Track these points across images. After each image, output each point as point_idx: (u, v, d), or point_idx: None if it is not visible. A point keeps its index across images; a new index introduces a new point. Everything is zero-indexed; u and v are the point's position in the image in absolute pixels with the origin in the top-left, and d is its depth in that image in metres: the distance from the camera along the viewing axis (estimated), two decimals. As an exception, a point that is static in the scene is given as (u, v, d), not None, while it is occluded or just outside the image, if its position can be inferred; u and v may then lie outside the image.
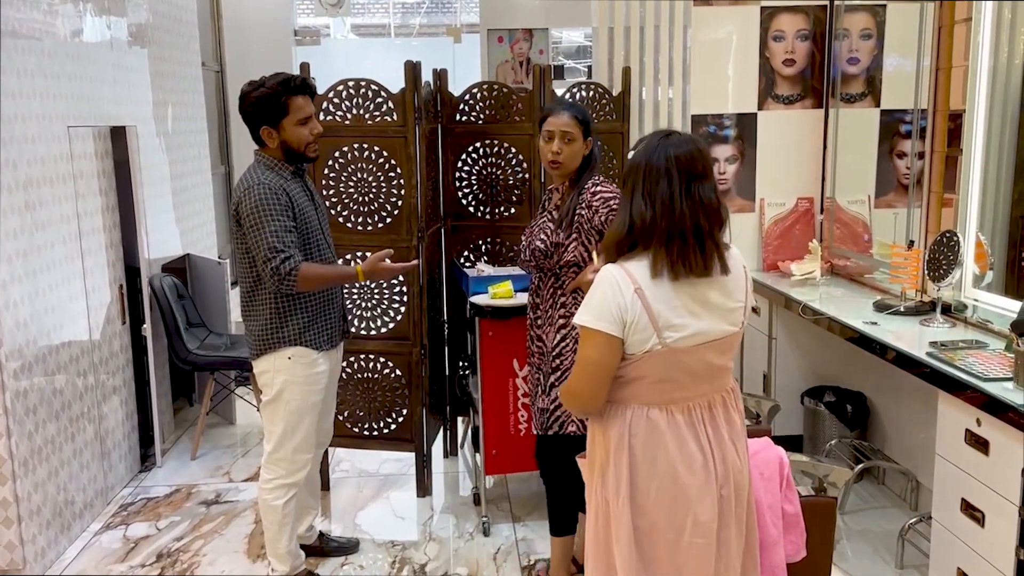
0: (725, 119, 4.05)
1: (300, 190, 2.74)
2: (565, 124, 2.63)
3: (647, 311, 1.76)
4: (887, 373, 3.30)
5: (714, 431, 1.86)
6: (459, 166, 3.77)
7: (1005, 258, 3.02)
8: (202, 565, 3.21)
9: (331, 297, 2.84)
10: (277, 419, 2.79)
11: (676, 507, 1.82)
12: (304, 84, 2.69)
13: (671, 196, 1.76)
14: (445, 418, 4.03)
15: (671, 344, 1.78)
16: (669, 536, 1.84)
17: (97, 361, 3.61)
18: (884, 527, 3.28)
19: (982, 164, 2.98)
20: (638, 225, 1.78)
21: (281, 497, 2.82)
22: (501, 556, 3.19)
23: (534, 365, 2.80)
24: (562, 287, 2.68)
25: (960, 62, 3.04)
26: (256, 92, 2.65)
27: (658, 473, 1.82)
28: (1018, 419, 2.16)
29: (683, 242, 1.76)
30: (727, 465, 1.86)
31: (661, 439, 1.82)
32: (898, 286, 3.29)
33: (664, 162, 1.78)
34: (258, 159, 2.73)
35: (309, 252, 2.72)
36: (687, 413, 1.84)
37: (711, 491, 1.83)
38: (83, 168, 3.52)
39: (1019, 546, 2.20)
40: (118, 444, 3.82)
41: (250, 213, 2.59)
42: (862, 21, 3.78)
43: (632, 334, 1.77)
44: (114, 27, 3.98)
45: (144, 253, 4.02)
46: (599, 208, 2.61)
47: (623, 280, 1.77)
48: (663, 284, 1.77)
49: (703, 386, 1.85)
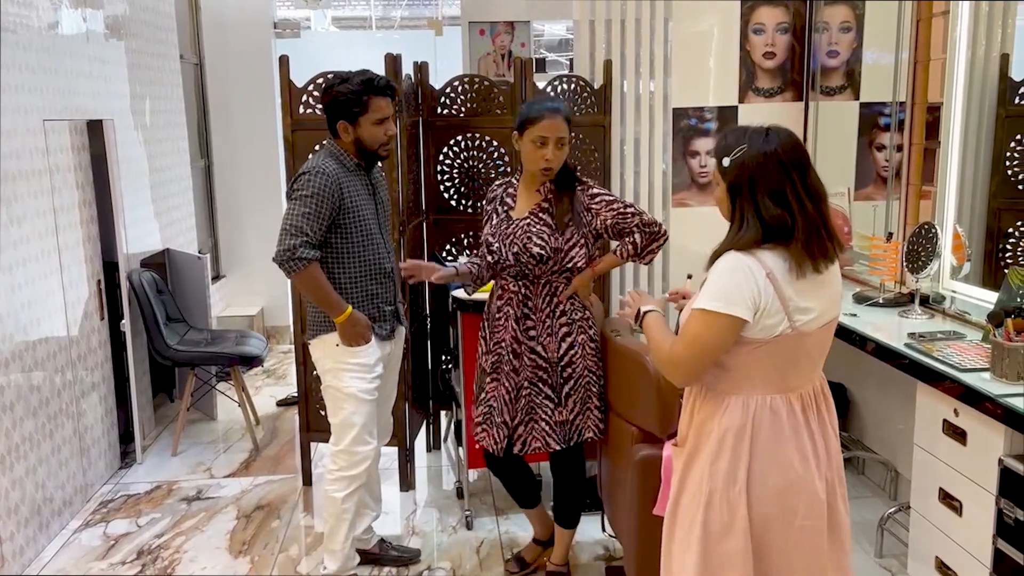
0: (706, 112, 4.06)
1: (360, 184, 2.77)
2: (561, 129, 2.56)
3: (779, 295, 1.78)
4: (867, 364, 3.33)
5: (819, 417, 1.92)
6: (441, 159, 3.76)
7: (982, 250, 3.05)
8: (183, 562, 3.19)
9: (386, 285, 2.85)
10: (335, 409, 2.79)
11: (789, 494, 1.86)
12: (388, 85, 2.73)
13: (797, 194, 1.77)
14: (428, 412, 4.02)
15: (800, 327, 1.81)
16: (782, 523, 1.87)
17: (75, 357, 3.58)
18: (864, 517, 3.31)
19: (959, 156, 3.00)
20: (774, 229, 1.78)
21: (342, 490, 2.79)
22: (484, 549, 3.20)
23: (526, 379, 2.66)
24: (557, 294, 2.64)
25: (938, 55, 3.06)
26: (340, 87, 2.69)
27: (779, 463, 1.86)
28: (994, 409, 2.18)
29: (819, 237, 1.79)
30: (829, 450, 1.91)
31: (783, 429, 1.86)
32: (877, 278, 3.31)
33: (778, 160, 1.78)
34: (328, 147, 2.78)
35: (359, 245, 2.75)
36: (801, 402, 1.89)
37: (821, 475, 1.88)
38: (59, 162, 3.48)
39: (996, 535, 2.23)
40: (97, 441, 3.79)
41: (296, 190, 2.65)
42: (841, 14, 3.80)
43: (764, 319, 1.79)
44: (90, 19, 3.93)
45: (122, 248, 3.98)
46: (600, 211, 2.60)
47: (755, 265, 1.78)
48: (785, 271, 1.79)
49: (814, 371, 1.91)
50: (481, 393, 2.78)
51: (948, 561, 2.45)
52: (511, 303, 2.67)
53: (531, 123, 2.55)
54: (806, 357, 1.87)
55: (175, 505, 3.66)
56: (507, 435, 2.70)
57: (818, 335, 1.86)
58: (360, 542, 3.07)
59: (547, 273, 2.61)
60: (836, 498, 1.93)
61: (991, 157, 2.98)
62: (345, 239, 2.73)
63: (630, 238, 2.63)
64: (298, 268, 2.62)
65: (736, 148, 1.83)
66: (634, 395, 2.53)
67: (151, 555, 3.24)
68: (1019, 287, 2.60)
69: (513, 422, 2.70)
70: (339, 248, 2.73)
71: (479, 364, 2.82)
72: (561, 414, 2.67)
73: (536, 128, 2.54)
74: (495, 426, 2.71)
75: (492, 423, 2.72)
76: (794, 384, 1.87)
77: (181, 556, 3.23)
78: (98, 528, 3.46)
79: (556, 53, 7.44)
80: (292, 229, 2.62)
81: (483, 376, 2.77)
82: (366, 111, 2.68)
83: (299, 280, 2.68)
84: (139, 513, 3.58)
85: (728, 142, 1.86)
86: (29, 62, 3.27)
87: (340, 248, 2.73)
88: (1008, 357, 2.26)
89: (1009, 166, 2.97)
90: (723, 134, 1.92)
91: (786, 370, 1.85)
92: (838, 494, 1.94)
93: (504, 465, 2.87)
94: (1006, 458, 2.18)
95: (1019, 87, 2.94)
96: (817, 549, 1.89)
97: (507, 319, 2.67)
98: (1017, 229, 2.98)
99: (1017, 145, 2.95)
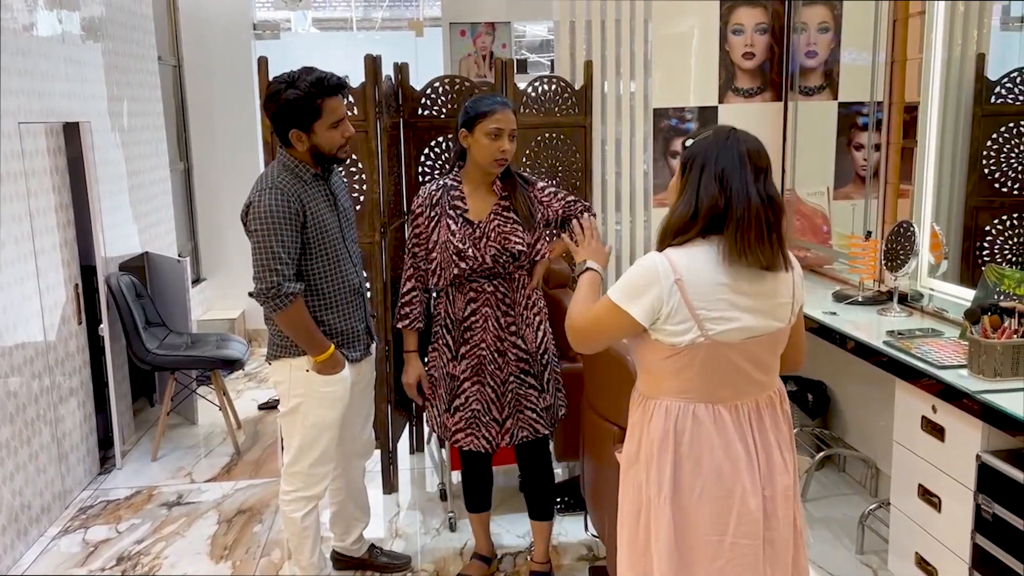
0: (687, 112, 4.08)
1: (320, 195, 2.53)
2: (513, 122, 2.60)
3: (686, 303, 1.73)
4: (846, 362, 3.35)
5: (761, 434, 1.84)
6: (422, 160, 3.74)
7: (959, 248, 3.07)
8: (164, 567, 3.16)
9: (356, 303, 2.67)
10: (294, 432, 2.62)
11: (719, 507, 1.80)
12: (339, 84, 2.47)
13: (745, 183, 1.73)
14: (411, 414, 4.01)
15: (715, 337, 1.75)
16: (712, 537, 1.81)
17: (53, 362, 3.54)
18: (845, 514, 3.33)
19: (936, 155, 3.03)
20: (706, 208, 1.73)
21: (300, 510, 2.67)
22: (468, 551, 3.19)
23: (511, 374, 2.69)
24: (525, 286, 2.70)
25: (915, 55, 3.09)
26: (288, 93, 2.41)
27: (703, 472, 1.80)
28: (972, 405, 2.20)
29: (757, 231, 1.72)
30: (772, 466, 1.84)
31: (707, 437, 1.80)
32: (856, 276, 3.33)
33: (736, 151, 1.75)
34: (280, 159, 2.52)
35: (328, 265, 2.55)
36: (734, 412, 1.81)
37: (756, 491, 1.81)
38: (35, 166, 3.44)
39: (974, 530, 2.25)
40: (76, 446, 3.75)
41: (256, 219, 2.41)
42: (820, 15, 3.82)
43: (667, 324, 1.76)
44: (66, 21, 3.89)
45: (100, 251, 3.94)
46: (551, 202, 2.71)
47: (664, 269, 1.74)
48: (711, 275, 1.74)
49: (751, 385, 1.83)
50: (455, 400, 2.73)
51: (928, 557, 2.47)
52: (488, 304, 2.67)
53: (483, 117, 2.57)
54: (733, 369, 1.79)
55: (155, 510, 3.62)
56: (499, 432, 2.72)
57: (747, 347, 1.78)
58: (349, 551, 3.05)
59: (518, 269, 2.67)
60: (775, 518, 1.84)
61: (967, 156, 3.01)
62: (313, 261, 2.51)
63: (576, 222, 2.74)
64: (285, 305, 2.42)
65: (701, 135, 1.84)
66: (615, 395, 2.53)
67: (131, 561, 3.21)
68: (996, 284, 2.62)
69: (502, 417, 2.72)
70: (307, 273, 2.52)
71: (444, 371, 2.74)
72: (545, 400, 2.74)
73: (490, 121, 2.56)
74: (484, 426, 2.71)
75: (479, 424, 2.71)
76: (722, 395, 1.81)
77: (162, 562, 3.20)
78: (77, 534, 3.42)
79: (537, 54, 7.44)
80: (269, 262, 2.39)
81: (453, 382, 2.72)
82: (320, 116, 2.43)
83: (284, 317, 2.46)
84: (119, 519, 3.55)
85: (696, 131, 1.90)
86: (4, 64, 3.23)
87: (308, 273, 2.52)
88: (985, 354, 2.28)
89: (985, 164, 3.00)
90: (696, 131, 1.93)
91: (708, 379, 1.79)
92: (779, 515, 1.84)
93: (485, 464, 2.88)
94: (984, 454, 2.20)
95: (995, 86, 2.97)
96: (751, 568, 1.81)
97: (485, 320, 2.67)
98: (993, 227, 3.01)
99: (993, 144, 2.98)
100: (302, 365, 2.56)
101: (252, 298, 2.49)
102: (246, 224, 2.47)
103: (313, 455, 2.64)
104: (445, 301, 2.73)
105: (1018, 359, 2.26)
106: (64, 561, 3.22)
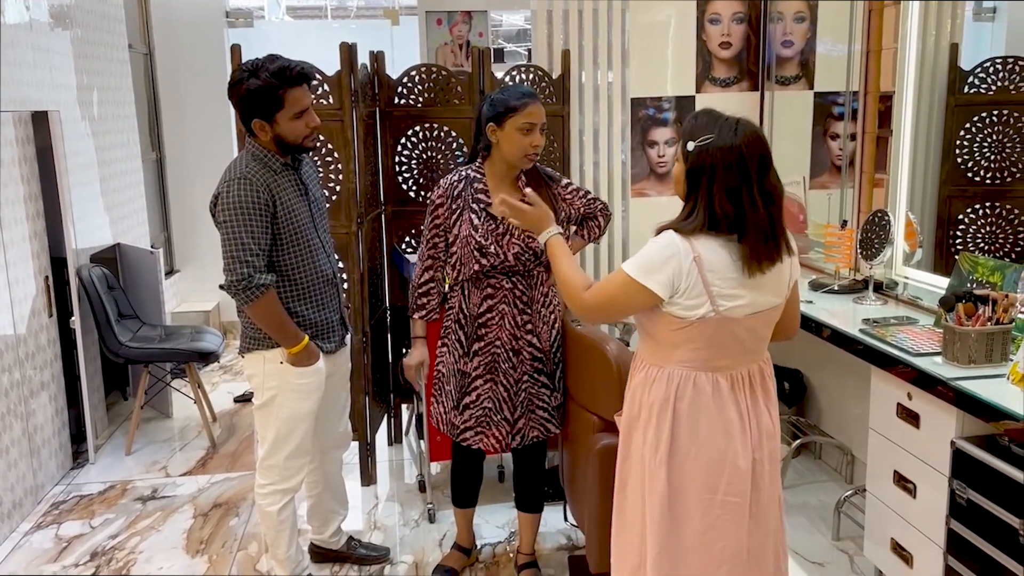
0: (664, 102, 4.08)
1: (290, 185, 2.49)
2: (544, 115, 2.54)
3: (703, 279, 1.83)
4: (822, 350, 3.37)
5: (751, 399, 1.96)
6: (399, 150, 3.72)
7: (934, 237, 3.10)
8: (139, 563, 3.12)
9: (330, 294, 2.64)
10: (268, 425, 2.59)
11: (712, 469, 1.91)
12: (303, 74, 2.42)
13: (752, 195, 1.81)
14: (389, 406, 3.99)
15: (724, 312, 1.85)
16: (704, 496, 1.92)
17: (23, 356, 3.48)
18: (821, 500, 3.36)
19: (911, 145, 3.05)
20: (718, 221, 1.83)
21: (276, 503, 2.64)
22: (447, 542, 3.18)
23: (525, 373, 2.64)
24: (544, 283, 2.65)
25: (890, 45, 3.11)
26: (249, 82, 2.36)
27: (699, 437, 1.91)
28: (947, 392, 2.22)
29: (764, 240, 1.83)
30: (761, 429, 1.96)
31: (705, 404, 1.91)
32: (832, 265, 3.36)
33: (741, 155, 1.81)
34: (249, 148, 2.48)
35: (300, 257, 2.51)
36: (729, 380, 1.93)
37: (747, 454, 1.92)
38: (3, 155, 3.36)
39: (949, 515, 2.27)
40: (48, 441, 3.69)
41: (225, 210, 2.38)
42: (795, 5, 3.83)
43: (684, 299, 1.85)
44: (33, 8, 3.81)
45: (71, 243, 3.88)
46: (574, 200, 2.71)
47: (684, 247, 1.83)
48: (725, 257, 1.83)
49: (746, 355, 1.94)
50: (465, 397, 2.67)
51: (903, 542, 2.50)
52: (506, 300, 2.60)
53: (515, 111, 2.50)
54: (735, 341, 1.91)
55: (130, 505, 3.58)
56: (509, 431, 2.67)
57: (749, 322, 1.90)
58: (327, 543, 3.03)
59: (538, 265, 2.62)
60: (763, 477, 1.96)
61: (941, 145, 3.04)
62: (285, 252, 2.48)
63: (595, 221, 2.79)
64: (256, 297, 2.39)
65: (704, 135, 1.84)
66: (594, 384, 2.54)
67: (105, 556, 3.17)
68: (970, 272, 2.65)
69: (513, 416, 2.67)
70: (280, 264, 2.49)
71: (454, 368, 2.68)
72: (556, 398, 2.72)
73: (521, 115, 2.49)
74: (495, 425, 2.66)
75: (490, 423, 2.66)
76: (721, 364, 1.92)
77: (136, 557, 3.17)
78: (50, 530, 3.37)
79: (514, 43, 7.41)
80: (238, 254, 2.36)
81: (464, 379, 2.66)
82: (283, 106, 2.39)
83: (256, 309, 2.42)
84: (92, 514, 3.50)
85: (697, 124, 1.88)
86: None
87: (281, 263, 2.49)
88: (959, 341, 2.30)
89: (959, 154, 3.02)
90: (694, 115, 1.93)
91: (712, 350, 1.90)
92: (765, 472, 1.97)
93: (479, 463, 2.86)
94: (958, 440, 2.22)
95: (968, 76, 3.00)
96: (737, 524, 1.94)
97: (501, 317, 2.60)
98: (967, 215, 3.04)
99: (966, 133, 3.01)
100: (276, 357, 2.53)
101: (223, 291, 2.45)
102: (215, 215, 2.44)
103: (288, 448, 2.61)
104: (460, 296, 2.65)
105: (992, 346, 2.29)
106: (37, 557, 3.18)
